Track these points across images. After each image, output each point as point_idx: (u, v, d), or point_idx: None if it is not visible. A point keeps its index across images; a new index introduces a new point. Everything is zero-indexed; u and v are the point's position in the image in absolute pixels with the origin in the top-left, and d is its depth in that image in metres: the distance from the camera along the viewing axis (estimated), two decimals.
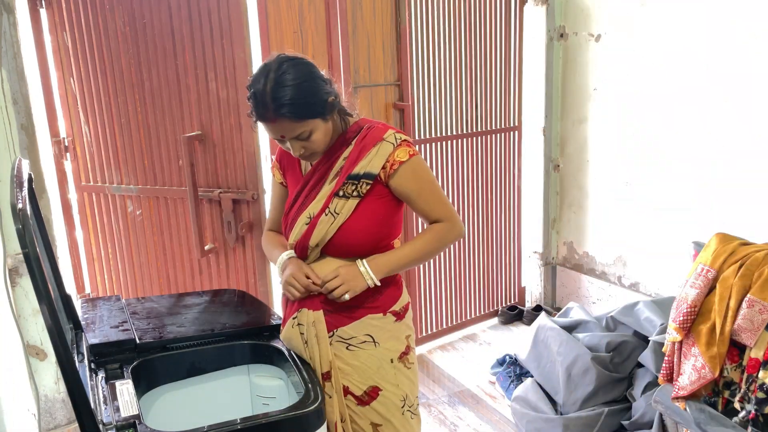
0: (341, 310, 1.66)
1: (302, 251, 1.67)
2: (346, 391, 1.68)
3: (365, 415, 1.69)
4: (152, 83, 2.76)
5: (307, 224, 1.64)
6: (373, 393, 1.67)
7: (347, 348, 1.66)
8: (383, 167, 1.61)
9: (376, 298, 1.67)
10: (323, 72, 1.61)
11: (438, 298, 3.64)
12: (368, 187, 1.61)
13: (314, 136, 1.56)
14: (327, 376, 1.65)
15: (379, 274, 1.62)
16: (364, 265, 1.61)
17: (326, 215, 1.62)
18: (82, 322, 1.83)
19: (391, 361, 1.68)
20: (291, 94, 1.50)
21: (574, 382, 2.71)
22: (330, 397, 1.64)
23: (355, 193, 1.61)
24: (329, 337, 1.67)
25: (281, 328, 1.78)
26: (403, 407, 1.71)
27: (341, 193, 1.62)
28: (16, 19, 2.56)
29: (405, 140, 1.64)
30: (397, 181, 1.62)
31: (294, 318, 1.69)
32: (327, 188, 1.64)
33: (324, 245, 1.64)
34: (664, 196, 3.24)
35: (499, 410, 3.02)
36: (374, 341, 1.66)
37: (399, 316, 1.71)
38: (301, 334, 1.67)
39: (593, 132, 3.59)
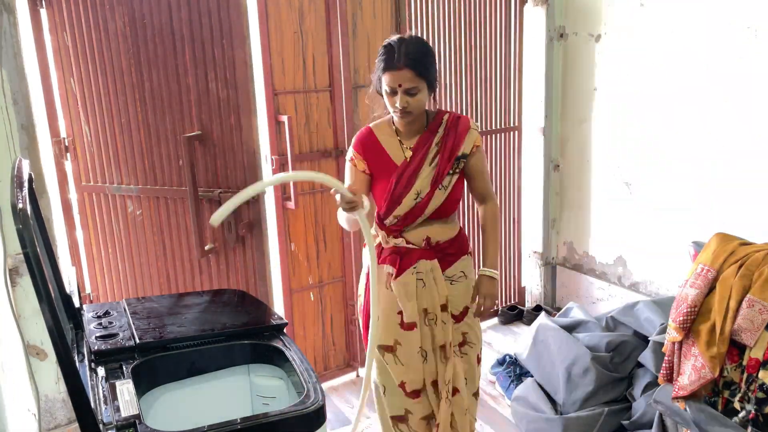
0: (447, 257, 2.11)
1: (413, 219, 2.05)
2: (446, 310, 2.11)
3: (458, 330, 2.15)
4: (152, 83, 2.76)
5: (415, 199, 2.02)
6: (465, 311, 2.15)
7: (451, 283, 2.12)
8: (471, 150, 2.06)
9: (461, 244, 2.15)
10: None
11: None
12: (463, 162, 2.06)
13: (419, 96, 1.93)
14: (444, 307, 2.10)
15: (497, 270, 2.14)
16: (489, 272, 2.11)
17: (440, 190, 2.03)
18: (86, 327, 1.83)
19: (470, 286, 2.17)
20: (423, 53, 1.91)
21: (574, 382, 2.72)
22: (445, 323, 2.10)
23: (457, 170, 2.06)
24: (444, 277, 2.11)
25: (392, 278, 2.09)
26: (475, 317, 2.18)
27: (452, 171, 2.04)
28: (16, 19, 2.56)
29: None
30: (473, 161, 2.08)
31: (414, 267, 2.07)
32: (428, 169, 2.02)
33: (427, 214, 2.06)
34: (664, 196, 3.24)
35: (499, 410, 3.02)
36: (465, 275, 2.15)
37: (471, 254, 2.22)
38: (419, 280, 2.08)
39: (593, 132, 3.59)
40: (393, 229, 2.09)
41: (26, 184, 1.39)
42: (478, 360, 2.25)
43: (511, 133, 3.76)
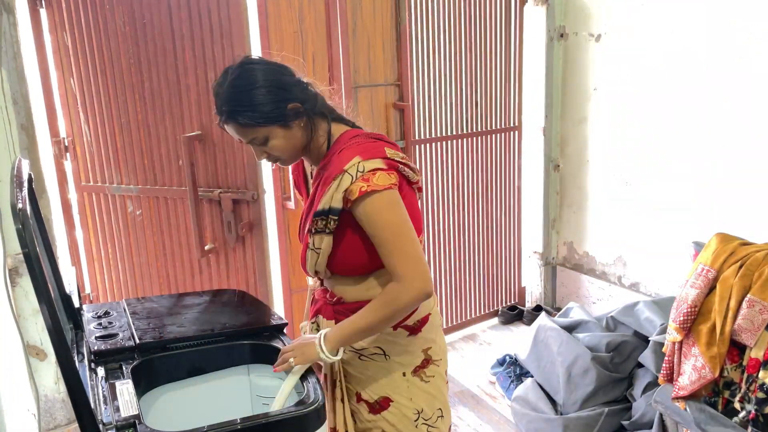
0: None
1: (306, 273, 1.68)
2: (359, 398, 1.66)
3: (376, 425, 1.66)
4: (152, 83, 2.76)
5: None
6: (384, 403, 1.64)
7: (359, 358, 1.64)
8: (344, 200, 1.48)
9: None
10: (298, 76, 1.55)
11: (438, 298, 3.63)
12: (336, 223, 1.50)
13: (272, 142, 1.51)
14: (335, 382, 1.66)
15: (331, 349, 1.54)
16: (320, 340, 1.54)
17: (310, 250, 1.57)
18: (86, 327, 1.83)
19: (404, 374, 1.64)
20: (240, 99, 1.46)
21: (574, 382, 2.71)
22: (342, 403, 1.66)
23: (327, 230, 1.52)
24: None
25: (305, 326, 1.80)
26: (416, 420, 1.65)
27: (313, 230, 1.54)
28: (16, 19, 2.56)
29: (372, 170, 1.46)
30: (360, 219, 1.49)
31: (313, 322, 1.74)
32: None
33: (325, 271, 1.61)
34: (664, 196, 3.24)
35: (499, 410, 3.02)
36: (385, 354, 1.62)
37: (413, 330, 1.63)
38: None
39: (593, 132, 3.59)
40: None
41: (26, 184, 1.38)
42: None
43: (511, 133, 3.76)
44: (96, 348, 1.71)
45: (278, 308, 3.02)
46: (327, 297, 1.67)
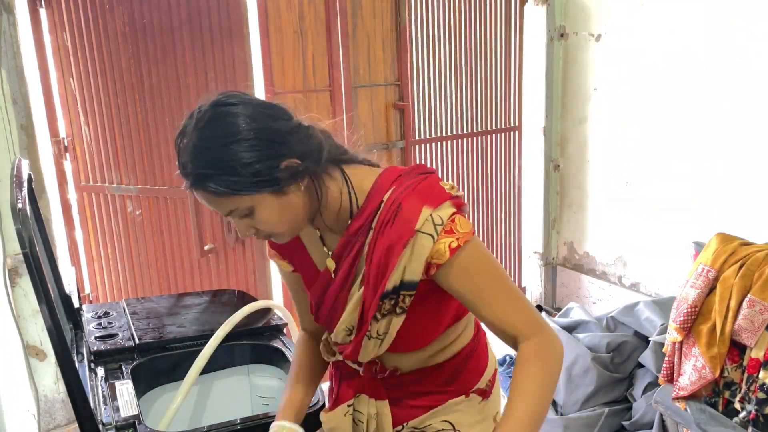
0: (411, 398, 1.28)
1: (354, 362, 1.28)
2: None
3: None
4: (152, 83, 2.75)
5: (349, 336, 1.22)
6: None
7: None
8: (426, 267, 1.12)
9: (458, 375, 1.30)
10: (295, 118, 1.13)
11: None
12: (412, 297, 1.15)
13: (259, 216, 1.09)
14: None
15: None
16: None
17: (369, 339, 1.20)
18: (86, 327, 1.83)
19: None
20: (211, 157, 1.05)
21: (574, 382, 2.71)
22: None
23: (398, 309, 1.16)
24: (398, 430, 1.30)
25: (324, 411, 1.38)
26: None
27: (378, 316, 1.17)
28: (16, 19, 2.56)
29: (450, 218, 1.11)
30: (444, 282, 1.14)
31: (349, 405, 1.32)
32: (358, 294, 1.17)
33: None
34: (664, 196, 3.23)
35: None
36: (454, 429, 1.29)
37: (485, 393, 1.33)
38: (356, 423, 1.32)
39: (593, 132, 3.59)
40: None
41: (25, 184, 1.38)
42: None
43: (511, 133, 3.75)
44: (96, 348, 1.71)
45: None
46: (374, 370, 1.27)
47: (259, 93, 2.77)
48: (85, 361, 1.64)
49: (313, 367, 1.37)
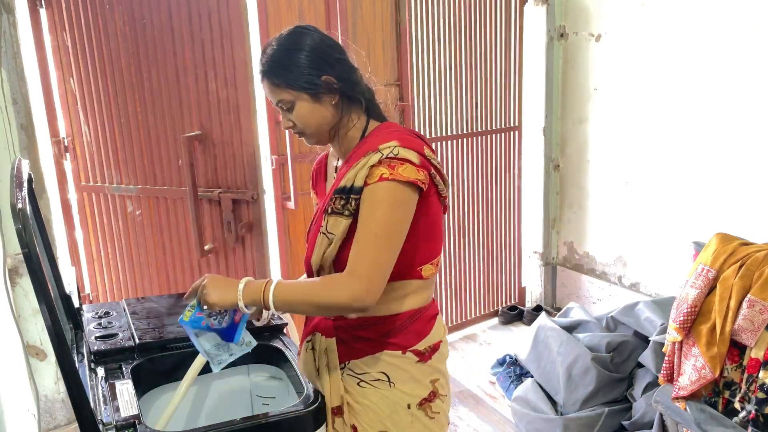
0: (356, 341, 1.47)
1: (309, 272, 1.49)
2: (355, 429, 1.48)
3: None
4: (152, 83, 2.76)
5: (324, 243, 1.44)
6: None
7: (358, 384, 1.47)
8: (364, 183, 1.35)
9: (397, 332, 1.45)
10: (350, 59, 1.49)
11: (438, 298, 3.64)
12: (356, 204, 1.36)
13: (297, 111, 1.43)
14: (337, 411, 1.48)
15: (262, 298, 1.35)
16: (249, 281, 1.37)
17: (321, 235, 1.42)
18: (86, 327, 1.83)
19: (408, 406, 1.47)
20: (278, 57, 1.42)
21: (574, 382, 2.71)
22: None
23: (346, 212, 1.37)
24: (341, 369, 1.49)
25: (299, 350, 1.62)
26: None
27: (329, 209, 1.40)
28: (16, 19, 2.56)
29: (403, 159, 1.34)
30: (360, 199, 1.36)
31: (308, 341, 1.55)
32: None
33: (331, 268, 1.44)
34: (664, 196, 3.23)
35: (499, 410, 3.02)
36: (389, 381, 1.45)
37: (423, 356, 1.47)
38: (314, 360, 1.53)
39: (593, 132, 3.59)
40: None
41: (26, 184, 1.38)
42: None
43: (511, 133, 3.76)
44: (96, 348, 1.71)
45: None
46: None
47: (259, 93, 2.76)
48: (85, 361, 1.64)
49: None
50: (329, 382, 1.49)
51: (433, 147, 3.39)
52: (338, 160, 1.56)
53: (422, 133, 3.38)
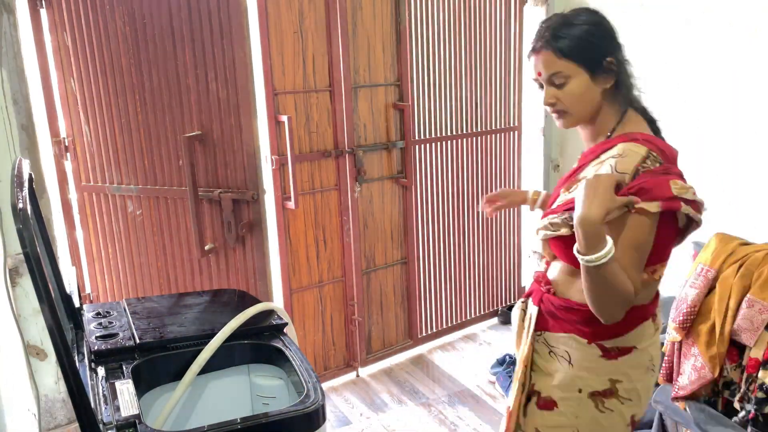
0: (555, 316, 1.53)
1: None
2: (533, 387, 1.58)
3: (534, 418, 1.57)
4: (152, 83, 2.76)
5: (544, 229, 1.52)
6: (550, 403, 1.54)
7: (549, 352, 1.55)
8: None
9: (591, 323, 1.45)
10: (621, 42, 1.50)
11: (438, 297, 3.64)
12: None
13: (569, 85, 1.43)
14: (525, 369, 1.59)
15: (588, 235, 1.31)
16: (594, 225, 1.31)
17: (543, 229, 1.51)
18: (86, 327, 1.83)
19: (579, 391, 1.50)
20: (569, 27, 1.42)
21: None
22: (521, 384, 1.59)
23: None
24: (537, 334, 1.58)
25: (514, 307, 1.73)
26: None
27: (560, 217, 1.45)
28: (16, 19, 2.56)
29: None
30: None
31: (522, 302, 1.66)
32: (563, 196, 1.51)
33: (548, 250, 1.58)
34: None
35: (499, 410, 3.02)
36: (570, 361, 1.51)
37: (608, 354, 1.48)
38: (521, 320, 1.64)
39: None
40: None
41: (26, 184, 1.39)
42: None
43: (511, 133, 3.76)
44: (96, 348, 1.71)
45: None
46: (542, 283, 1.59)
47: (260, 93, 2.77)
48: (86, 361, 1.64)
49: None
50: (524, 342, 1.60)
51: (433, 147, 3.43)
52: (587, 141, 1.57)
53: (422, 133, 3.38)
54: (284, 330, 1.90)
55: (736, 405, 2.00)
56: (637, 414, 1.55)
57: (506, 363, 3.22)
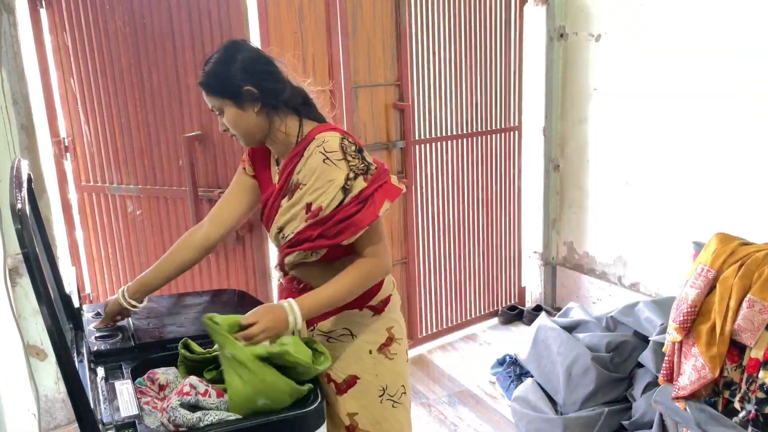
0: None
1: (282, 255, 1.72)
2: (329, 378, 1.72)
3: (342, 405, 1.72)
4: (152, 83, 2.76)
5: (278, 235, 1.68)
6: (351, 381, 1.71)
7: (327, 340, 1.71)
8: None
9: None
10: (281, 72, 1.66)
11: (438, 298, 3.64)
12: None
13: (225, 116, 1.62)
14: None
15: (306, 316, 1.56)
16: (292, 309, 1.53)
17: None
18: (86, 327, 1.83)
19: (370, 352, 1.72)
20: (210, 67, 1.61)
21: (574, 382, 2.71)
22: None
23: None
24: (310, 331, 1.73)
25: None
26: (381, 396, 1.73)
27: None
28: (16, 19, 2.56)
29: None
30: None
31: None
32: (286, 205, 1.64)
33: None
34: (664, 196, 3.23)
35: (499, 410, 3.02)
36: (351, 334, 1.71)
37: (377, 310, 1.73)
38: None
39: (593, 132, 3.59)
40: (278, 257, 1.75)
41: (25, 184, 1.38)
42: None
43: (511, 133, 3.76)
44: (96, 348, 1.71)
45: None
46: (293, 285, 1.72)
47: None
48: (86, 361, 1.64)
49: (173, 260, 1.81)
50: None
51: (433, 147, 3.43)
52: (277, 158, 1.73)
53: (422, 133, 3.38)
54: None
55: (737, 405, 2.00)
56: (407, 347, 1.83)
57: (506, 363, 3.22)
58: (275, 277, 1.86)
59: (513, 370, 3.15)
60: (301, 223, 1.61)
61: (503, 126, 3.71)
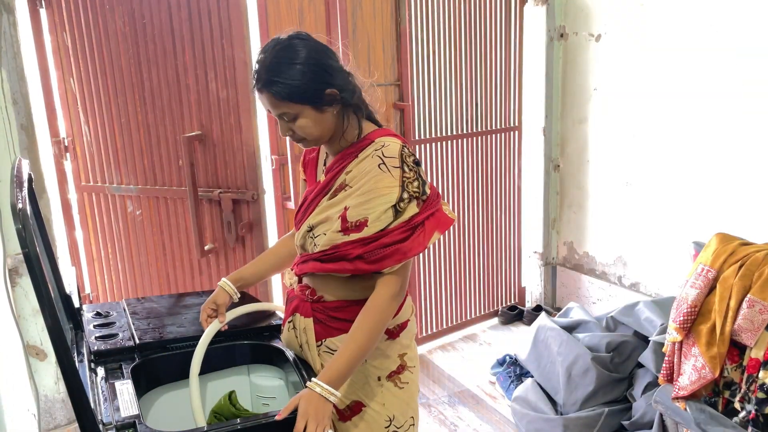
0: (332, 321, 1.59)
1: (303, 258, 1.63)
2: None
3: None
4: (152, 83, 2.76)
5: (307, 233, 1.58)
6: (356, 408, 1.60)
7: None
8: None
9: None
10: (342, 63, 1.54)
11: (438, 298, 3.64)
12: None
13: (300, 121, 1.47)
14: None
15: (339, 387, 1.44)
16: (317, 385, 1.40)
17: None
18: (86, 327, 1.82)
19: (378, 378, 1.61)
20: (280, 70, 1.43)
21: (574, 382, 2.71)
22: None
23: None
24: (317, 346, 1.62)
25: (281, 328, 1.78)
26: (388, 427, 1.62)
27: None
28: (16, 19, 2.56)
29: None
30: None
31: (289, 321, 1.70)
32: (325, 203, 1.54)
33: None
34: (665, 196, 3.23)
35: (499, 410, 3.02)
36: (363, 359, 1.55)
37: (392, 334, 1.61)
38: (296, 337, 1.67)
39: (593, 132, 3.59)
40: (296, 261, 1.66)
41: (26, 184, 1.38)
42: None
43: (511, 133, 3.76)
44: (96, 348, 1.71)
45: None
46: (306, 294, 1.63)
47: None
48: (85, 361, 1.64)
49: (276, 255, 1.78)
50: (311, 357, 1.63)
51: (433, 147, 3.43)
52: (327, 155, 1.63)
53: (422, 133, 3.38)
54: None
55: (737, 405, 2.00)
56: (418, 376, 1.72)
57: (506, 363, 3.22)
58: (288, 281, 1.77)
59: (513, 370, 3.15)
60: (335, 232, 1.49)
61: (503, 126, 3.71)
